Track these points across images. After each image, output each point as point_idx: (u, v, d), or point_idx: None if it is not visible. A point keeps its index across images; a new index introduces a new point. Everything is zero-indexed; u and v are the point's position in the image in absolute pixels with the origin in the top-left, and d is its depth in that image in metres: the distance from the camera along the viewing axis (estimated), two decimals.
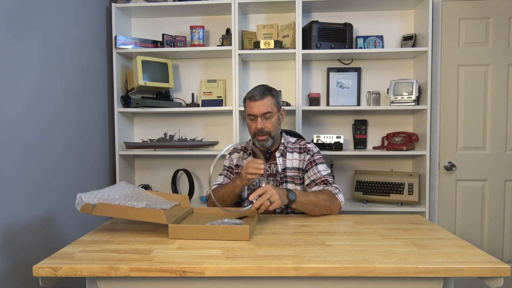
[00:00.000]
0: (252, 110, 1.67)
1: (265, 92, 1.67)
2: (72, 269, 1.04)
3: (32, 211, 1.79)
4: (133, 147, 2.51)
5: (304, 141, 1.82)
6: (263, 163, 1.47)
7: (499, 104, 2.46)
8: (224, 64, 2.68)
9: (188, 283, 1.09)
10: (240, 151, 1.86)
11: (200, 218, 1.50)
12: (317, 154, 1.75)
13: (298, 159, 1.74)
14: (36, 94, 1.83)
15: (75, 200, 1.35)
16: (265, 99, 1.66)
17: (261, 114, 1.65)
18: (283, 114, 1.79)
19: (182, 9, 2.55)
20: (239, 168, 1.81)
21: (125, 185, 1.59)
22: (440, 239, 1.25)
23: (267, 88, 1.70)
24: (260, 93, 1.66)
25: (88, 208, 1.32)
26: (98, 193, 1.43)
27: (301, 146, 1.77)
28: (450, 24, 2.47)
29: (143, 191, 1.62)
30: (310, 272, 1.02)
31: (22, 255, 1.72)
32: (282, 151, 1.75)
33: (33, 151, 1.80)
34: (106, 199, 1.40)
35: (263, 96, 1.66)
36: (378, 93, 2.54)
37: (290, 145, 1.78)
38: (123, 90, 2.59)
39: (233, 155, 1.86)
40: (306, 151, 1.75)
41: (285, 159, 1.74)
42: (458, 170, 2.51)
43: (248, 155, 1.79)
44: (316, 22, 2.42)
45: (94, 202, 1.35)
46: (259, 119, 1.66)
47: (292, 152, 1.76)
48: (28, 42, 1.77)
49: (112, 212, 1.30)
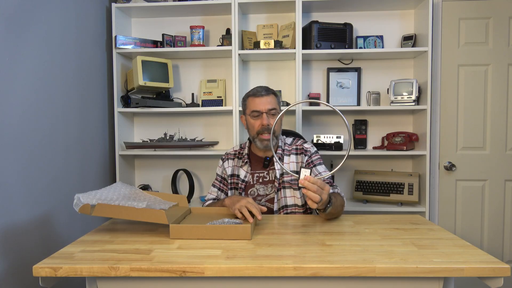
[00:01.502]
0: (257, 106, 1.62)
1: (269, 90, 1.66)
2: (72, 269, 1.04)
3: (32, 211, 1.79)
4: (133, 147, 2.51)
5: (300, 140, 1.76)
6: (260, 214, 1.36)
7: (499, 104, 2.46)
8: (224, 64, 2.68)
9: (188, 283, 1.09)
10: (234, 158, 1.77)
11: (199, 218, 1.50)
12: (315, 155, 1.69)
13: (295, 162, 1.69)
14: (36, 94, 1.83)
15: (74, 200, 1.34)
16: (271, 96, 1.64)
17: (267, 110, 1.61)
18: (282, 117, 1.74)
19: (182, 9, 2.55)
20: (234, 177, 1.73)
21: (122, 186, 1.58)
22: (440, 239, 1.25)
23: (268, 87, 1.68)
24: (265, 89, 1.64)
25: (87, 208, 1.30)
26: (96, 193, 1.41)
27: (298, 147, 1.72)
28: (450, 24, 2.47)
29: (140, 191, 1.61)
30: (310, 272, 1.02)
31: (22, 255, 1.72)
32: (280, 155, 1.70)
33: (33, 151, 1.80)
34: (105, 199, 1.39)
35: (268, 92, 1.64)
36: (378, 93, 2.54)
37: (287, 147, 1.73)
38: (123, 90, 2.59)
39: (226, 163, 1.77)
40: (304, 152, 1.70)
41: (283, 163, 1.68)
42: (458, 170, 2.51)
43: (244, 164, 1.71)
44: (316, 22, 2.42)
45: (93, 202, 1.33)
46: (265, 115, 1.60)
47: (289, 155, 1.71)
48: (28, 42, 1.77)
49: (112, 212, 1.29)
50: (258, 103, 1.62)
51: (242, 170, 1.71)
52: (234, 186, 1.74)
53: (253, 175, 1.70)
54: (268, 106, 1.61)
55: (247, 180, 1.70)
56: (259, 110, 1.61)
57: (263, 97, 1.61)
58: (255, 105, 1.62)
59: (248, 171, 1.70)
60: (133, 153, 2.51)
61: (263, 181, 1.69)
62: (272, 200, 1.66)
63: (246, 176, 1.70)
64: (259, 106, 1.61)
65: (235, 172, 1.74)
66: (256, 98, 1.62)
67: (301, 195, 1.65)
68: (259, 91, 1.63)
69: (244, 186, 1.69)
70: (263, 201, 1.67)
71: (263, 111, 1.61)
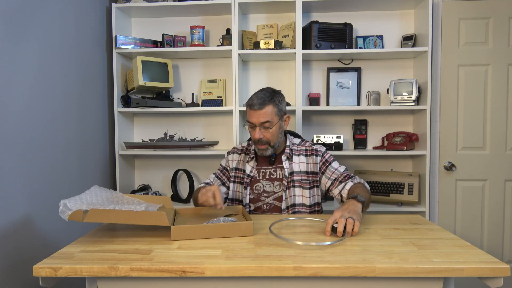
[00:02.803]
0: (251, 118, 1.61)
1: (265, 101, 1.59)
2: (72, 269, 1.04)
3: (32, 211, 1.79)
4: (133, 147, 2.51)
5: (308, 142, 1.77)
6: (221, 201, 1.40)
7: (499, 104, 2.46)
8: (224, 64, 2.68)
9: (188, 283, 1.09)
10: (241, 153, 1.79)
11: (189, 218, 1.49)
12: (326, 153, 1.72)
13: (305, 163, 1.69)
14: (36, 94, 1.83)
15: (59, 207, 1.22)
16: (265, 109, 1.58)
17: (260, 124, 1.59)
18: (287, 120, 1.70)
19: (182, 9, 2.55)
20: (238, 171, 1.75)
21: (100, 189, 1.48)
22: (440, 239, 1.25)
23: (269, 95, 1.61)
24: (260, 102, 1.58)
25: (79, 215, 1.19)
26: (80, 198, 1.32)
27: (307, 148, 1.73)
28: (450, 24, 2.47)
29: (121, 194, 1.53)
30: (310, 272, 1.02)
31: (22, 255, 1.72)
32: (288, 154, 1.70)
33: (33, 151, 1.80)
34: (96, 203, 1.30)
35: (262, 106, 1.58)
36: (378, 93, 2.54)
37: (296, 147, 1.73)
38: (123, 90, 2.59)
39: (231, 156, 1.80)
40: (315, 153, 1.70)
41: (292, 162, 1.69)
42: (458, 170, 2.51)
43: (250, 159, 1.73)
44: (316, 22, 2.42)
45: (83, 208, 1.23)
46: (257, 128, 1.60)
47: (298, 155, 1.71)
48: (28, 42, 1.77)
49: (107, 217, 1.21)
50: (252, 115, 1.61)
51: (248, 165, 1.73)
52: (239, 181, 1.75)
53: (259, 171, 1.72)
54: (261, 120, 1.59)
55: (253, 175, 1.71)
56: (253, 122, 1.62)
57: (256, 111, 1.59)
58: (250, 116, 1.62)
59: (254, 166, 1.72)
60: (133, 153, 2.51)
61: (269, 177, 1.70)
62: (280, 199, 1.67)
63: (251, 171, 1.72)
64: (253, 118, 1.61)
65: (240, 166, 1.76)
66: (251, 111, 1.61)
67: (310, 195, 1.67)
68: (254, 103, 1.59)
69: (250, 180, 1.70)
70: (270, 198, 1.68)
71: (256, 124, 1.60)
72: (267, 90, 1.66)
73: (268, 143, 1.62)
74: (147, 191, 2.64)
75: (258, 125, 1.60)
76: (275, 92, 1.66)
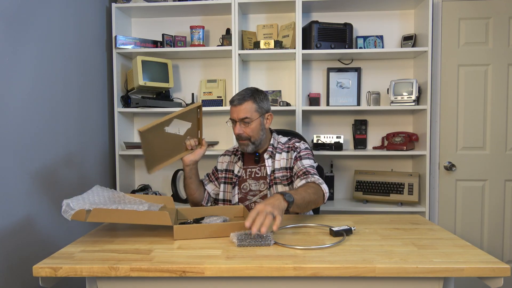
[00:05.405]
0: (231, 114, 1.65)
1: (245, 97, 1.61)
2: (72, 269, 1.04)
3: (32, 210, 1.79)
4: (133, 147, 2.51)
5: (294, 139, 1.75)
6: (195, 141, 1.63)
7: (499, 104, 2.46)
8: (224, 64, 2.68)
9: (188, 283, 1.09)
10: (231, 155, 1.82)
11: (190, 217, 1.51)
12: (304, 150, 1.68)
13: (285, 159, 1.70)
14: (36, 94, 1.83)
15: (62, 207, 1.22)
16: (244, 104, 1.61)
17: (239, 119, 1.62)
18: (269, 118, 1.70)
19: (182, 9, 2.55)
20: (227, 172, 1.78)
21: (101, 189, 1.49)
22: (440, 239, 1.25)
23: (250, 93, 1.64)
24: (239, 98, 1.62)
25: (82, 215, 1.20)
26: (83, 198, 1.32)
27: (290, 146, 1.72)
28: (450, 24, 2.47)
29: (122, 194, 1.53)
30: (310, 272, 1.02)
31: (22, 255, 1.72)
32: (270, 153, 1.71)
33: (33, 151, 1.80)
34: (99, 203, 1.31)
35: (241, 101, 1.61)
36: (378, 93, 2.54)
37: (280, 145, 1.73)
38: (123, 90, 2.59)
39: (221, 158, 1.84)
40: (294, 149, 1.69)
41: (274, 160, 1.70)
42: (458, 170, 2.51)
43: (238, 160, 1.76)
44: (316, 22, 2.42)
45: (85, 207, 1.22)
46: (238, 124, 1.63)
47: (281, 152, 1.72)
48: (28, 42, 1.77)
49: (110, 217, 1.22)
50: (232, 111, 1.65)
51: (236, 165, 1.76)
52: (228, 181, 1.78)
53: (246, 170, 1.74)
54: (240, 115, 1.61)
55: (240, 175, 1.74)
56: (233, 118, 1.65)
57: (236, 106, 1.62)
58: (231, 112, 1.66)
59: (241, 166, 1.75)
60: (133, 153, 2.51)
61: (255, 176, 1.72)
62: (265, 197, 1.68)
63: (239, 171, 1.75)
64: (233, 114, 1.64)
65: (230, 167, 1.79)
66: (232, 107, 1.65)
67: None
68: (233, 99, 1.63)
69: (237, 180, 1.74)
70: (257, 197, 1.70)
71: (236, 120, 1.63)
72: (250, 88, 1.69)
73: (249, 139, 1.64)
74: (147, 191, 2.64)
75: (238, 121, 1.63)
76: (257, 90, 1.69)
